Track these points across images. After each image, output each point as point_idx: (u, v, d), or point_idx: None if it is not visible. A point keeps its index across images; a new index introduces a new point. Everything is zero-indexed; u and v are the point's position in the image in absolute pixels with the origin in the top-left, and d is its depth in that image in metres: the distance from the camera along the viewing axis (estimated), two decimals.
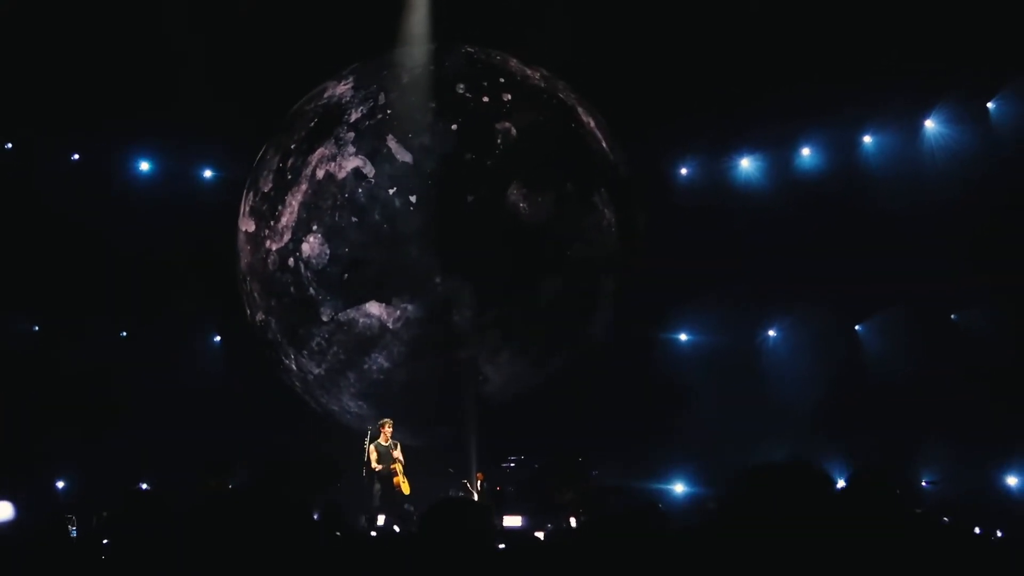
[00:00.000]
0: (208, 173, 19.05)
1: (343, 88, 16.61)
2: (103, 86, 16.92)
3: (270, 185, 16.43)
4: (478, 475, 15.89)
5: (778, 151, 18.35)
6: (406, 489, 14.84)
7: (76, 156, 18.34)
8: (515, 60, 16.84)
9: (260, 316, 16.85)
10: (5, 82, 16.42)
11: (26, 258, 16.92)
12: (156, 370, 17.49)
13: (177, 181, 18.89)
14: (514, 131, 15.51)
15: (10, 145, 17.77)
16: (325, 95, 16.72)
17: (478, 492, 15.52)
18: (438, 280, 15.19)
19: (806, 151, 18.07)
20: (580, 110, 16.81)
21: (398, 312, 15.41)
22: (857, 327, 17.82)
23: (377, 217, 15.30)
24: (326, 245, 15.57)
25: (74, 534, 13.34)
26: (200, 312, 18.42)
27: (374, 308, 15.52)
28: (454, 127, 15.38)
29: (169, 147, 18.72)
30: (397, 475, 14.78)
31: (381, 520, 14.97)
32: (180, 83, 16.38)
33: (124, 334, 18.57)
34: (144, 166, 18.81)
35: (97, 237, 17.08)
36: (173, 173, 18.94)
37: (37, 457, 16.58)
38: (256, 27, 16.86)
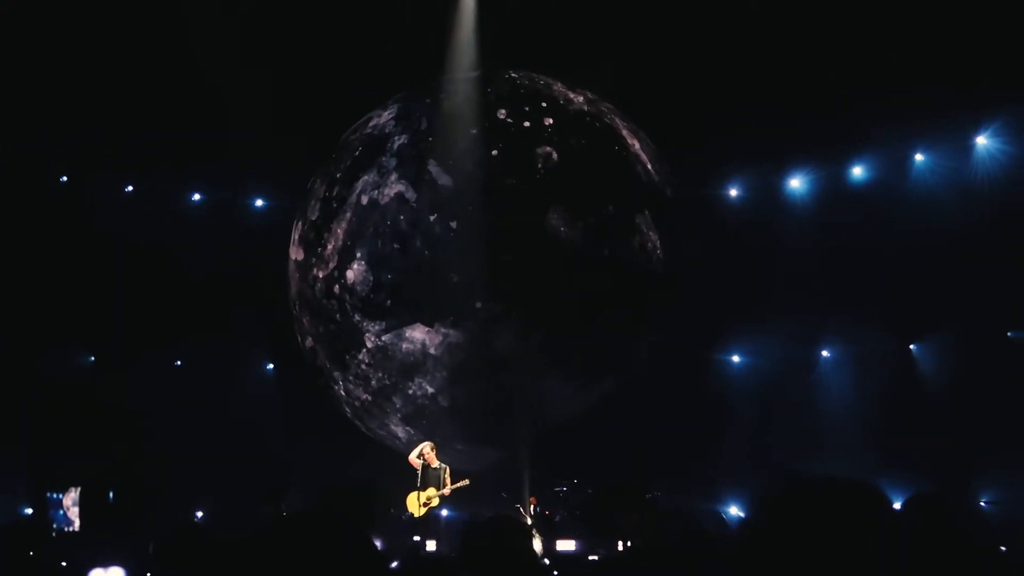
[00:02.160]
0: (260, 202, 19.32)
1: (387, 116, 16.87)
2: (156, 117, 17.29)
3: (317, 214, 16.76)
4: (531, 499, 15.94)
5: (829, 168, 18.15)
6: (416, 511, 14.87)
7: (130, 188, 18.71)
8: (559, 84, 16.99)
9: (309, 343, 17.16)
10: (58, 116, 16.85)
11: (80, 289, 17.30)
12: (210, 398, 17.73)
13: (230, 211, 19.23)
14: (555, 155, 15.64)
15: (65, 178, 18.16)
16: (370, 124, 17.03)
17: (531, 516, 15.56)
18: (479, 305, 15.33)
19: (857, 169, 17.84)
20: (625, 132, 16.87)
21: (440, 337, 15.58)
22: (912, 346, 17.53)
23: (418, 243, 15.51)
24: (369, 272, 15.82)
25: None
26: (254, 340, 18.63)
27: (417, 333, 15.71)
28: (495, 152, 15.57)
29: (222, 178, 19.05)
30: (427, 502, 14.82)
31: (432, 545, 15.13)
32: (232, 114, 16.66)
33: (179, 363, 18.87)
34: (196, 197, 19.11)
35: (151, 267, 17.45)
36: (226, 204, 19.28)
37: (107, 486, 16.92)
38: (308, 58, 17.16)
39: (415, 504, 14.88)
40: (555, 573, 12.78)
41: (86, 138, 17.45)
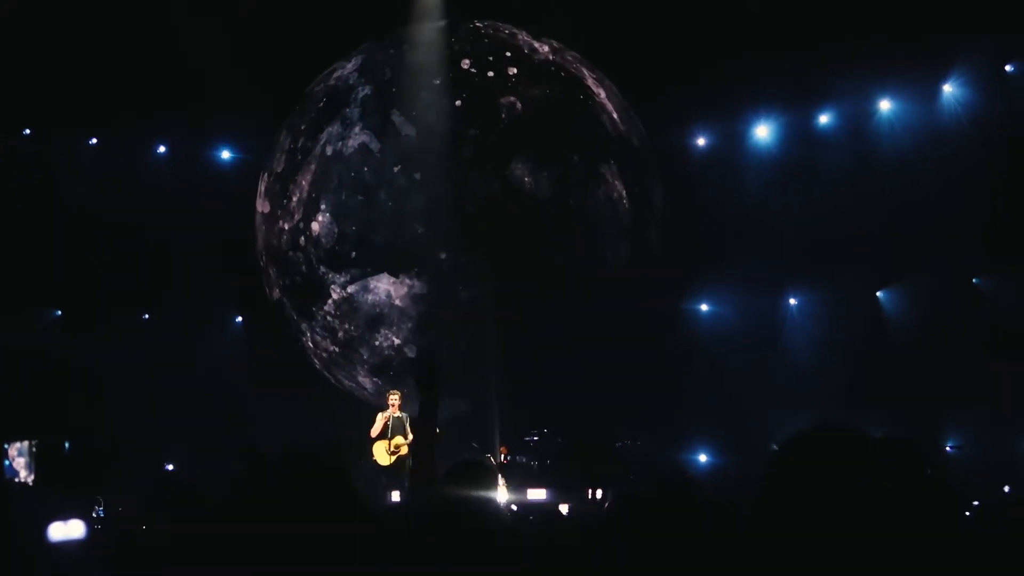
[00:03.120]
0: (226, 155, 19.25)
1: (351, 67, 16.87)
2: (119, 72, 17.21)
3: (282, 166, 16.78)
4: (501, 448, 16.05)
5: (795, 117, 18.20)
6: (382, 459, 14.85)
7: (94, 140, 18.64)
8: (524, 34, 16.97)
9: (276, 295, 17.22)
10: (22, 70, 16.75)
11: (46, 245, 17.27)
12: (179, 352, 17.75)
13: (196, 164, 19.17)
14: (519, 105, 15.65)
15: (28, 131, 18.08)
16: (334, 75, 17.02)
17: (502, 465, 15.68)
18: (443, 256, 15.39)
19: (823, 117, 17.90)
20: (590, 81, 16.89)
21: (405, 288, 15.66)
22: (878, 293, 17.66)
23: (383, 195, 15.56)
24: (334, 223, 15.88)
25: (101, 514, 13.81)
26: (222, 294, 18.63)
27: (382, 285, 15.78)
28: (458, 103, 15.57)
29: (187, 130, 18.92)
30: (395, 449, 14.80)
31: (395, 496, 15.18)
32: (197, 67, 16.58)
33: (146, 316, 18.88)
34: (162, 150, 19.04)
35: (117, 221, 17.41)
36: (192, 156, 19.20)
37: (62, 439, 16.91)
38: (273, 9, 17.06)
39: (383, 453, 14.89)
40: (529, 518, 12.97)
41: (50, 92, 17.31)
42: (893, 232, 16.38)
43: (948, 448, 16.10)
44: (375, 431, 14.69)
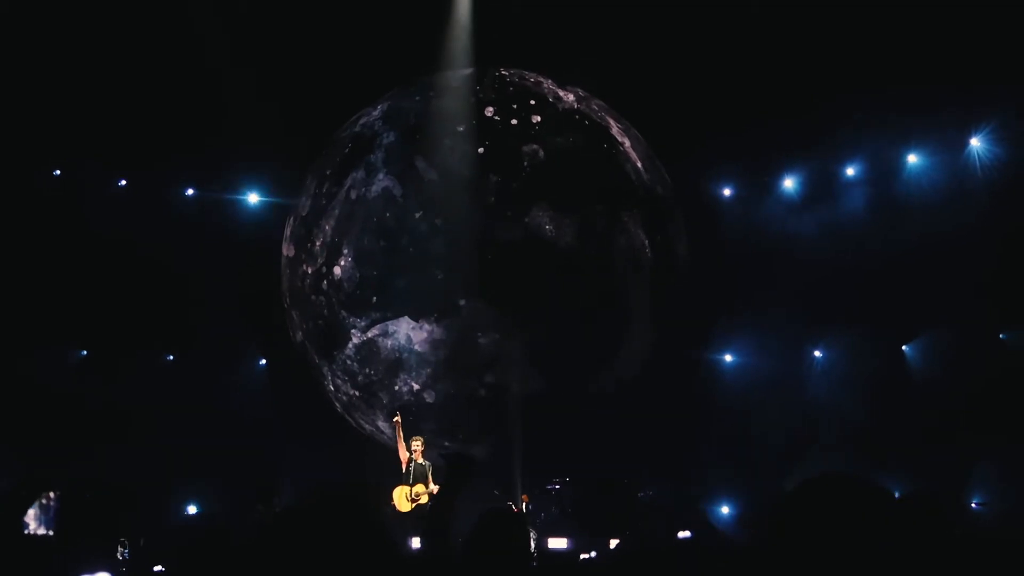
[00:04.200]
0: (254, 198, 19.45)
1: (377, 114, 17.12)
2: (150, 113, 17.46)
3: (307, 210, 17.00)
4: (523, 497, 16.02)
5: (822, 169, 18.25)
6: (402, 506, 14.88)
7: (123, 182, 18.89)
8: (549, 82, 17.14)
9: (300, 337, 17.36)
10: (52, 109, 17.05)
11: (73, 284, 17.47)
12: (202, 394, 17.87)
13: (223, 206, 19.38)
14: (542, 153, 15.79)
15: (58, 172, 18.36)
16: (360, 121, 17.25)
17: (523, 514, 15.64)
18: (463, 303, 15.51)
19: (850, 169, 17.94)
20: (615, 131, 17.02)
21: (424, 334, 15.78)
22: (904, 347, 17.60)
23: (404, 240, 15.71)
24: (355, 268, 16.04)
25: (126, 556, 13.93)
26: (247, 336, 18.79)
27: (401, 330, 15.90)
28: (481, 150, 15.73)
29: (215, 172, 19.16)
30: (416, 497, 14.81)
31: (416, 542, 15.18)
32: (226, 110, 16.85)
33: (170, 357, 19.05)
34: (190, 192, 19.28)
35: (144, 262, 17.59)
36: (219, 198, 19.40)
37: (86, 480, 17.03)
38: (303, 55, 17.32)
39: (403, 499, 14.92)
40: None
41: (80, 133, 17.59)
42: (920, 284, 16.31)
43: (973, 505, 15.92)
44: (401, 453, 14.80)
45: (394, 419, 14.93)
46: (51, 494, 14.92)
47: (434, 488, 14.64)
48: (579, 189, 16.01)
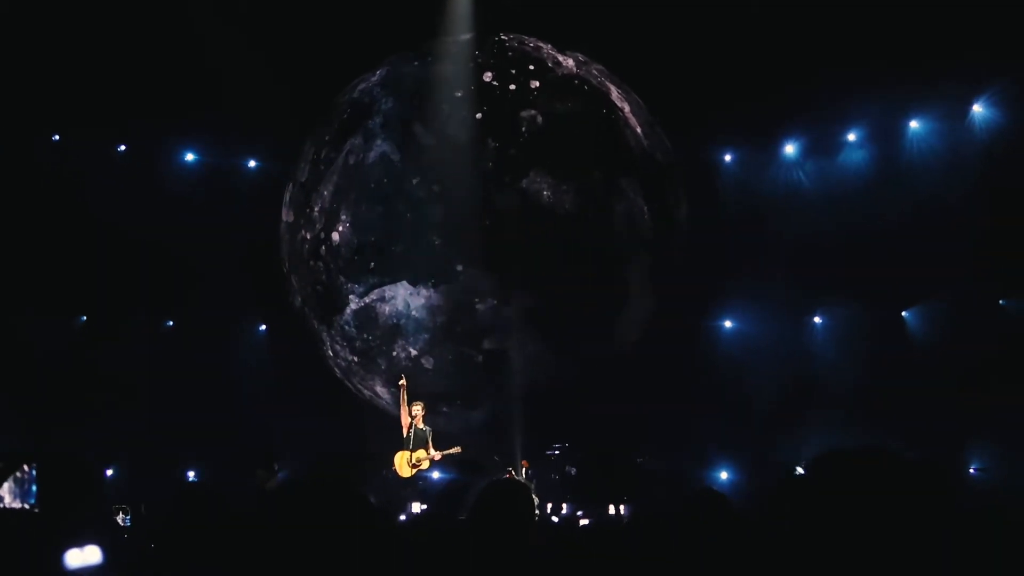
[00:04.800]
0: (253, 163, 19.50)
1: (375, 80, 17.12)
2: (147, 79, 17.46)
3: (306, 176, 17.05)
4: (523, 463, 16.10)
5: (822, 133, 18.24)
6: (403, 471, 14.96)
7: (122, 147, 18.92)
8: (549, 46, 17.08)
9: (299, 304, 17.43)
10: (51, 75, 17.06)
11: (72, 250, 17.54)
12: (202, 359, 17.94)
13: (223, 172, 19.44)
14: (540, 118, 15.79)
15: (57, 137, 18.40)
16: (359, 87, 17.25)
17: (524, 480, 15.72)
18: (460, 268, 15.56)
19: (851, 135, 17.92)
20: (615, 96, 16.98)
21: (422, 300, 15.83)
22: (904, 313, 17.62)
23: (401, 206, 15.75)
24: (353, 234, 16.11)
25: (128, 524, 14.00)
26: (246, 302, 18.83)
27: (399, 295, 15.96)
28: (479, 116, 15.74)
29: (214, 138, 19.19)
30: (417, 463, 14.87)
31: (417, 507, 15.26)
32: (225, 75, 16.83)
33: (170, 323, 19.13)
34: (189, 157, 19.32)
35: (142, 227, 17.62)
36: (218, 164, 19.46)
37: (84, 445, 17.13)
38: (303, 21, 17.31)
39: (404, 464, 14.98)
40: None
41: (76, 98, 17.60)
42: (920, 251, 16.33)
43: (972, 470, 15.99)
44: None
45: (399, 383, 15.00)
46: (26, 466, 14.91)
47: (436, 454, 14.74)
48: (577, 155, 15.99)
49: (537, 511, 15.02)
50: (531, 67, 16.47)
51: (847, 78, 16.58)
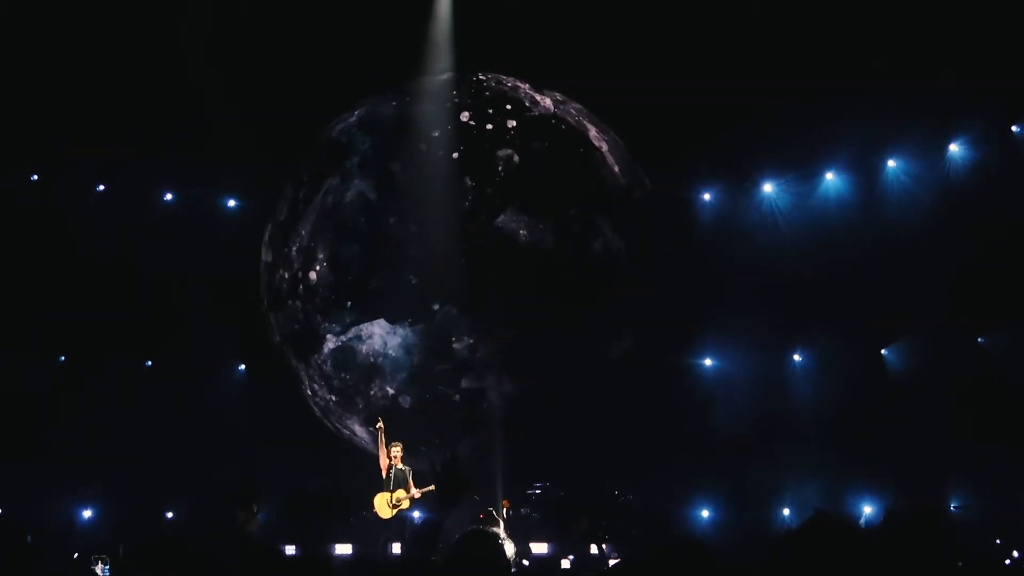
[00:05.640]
0: (232, 203, 19.61)
1: (354, 119, 17.25)
2: (128, 118, 17.61)
3: (284, 215, 17.13)
4: (504, 502, 16.06)
5: (802, 174, 18.38)
6: (383, 512, 14.94)
7: (101, 187, 19.01)
8: (526, 86, 17.24)
9: (278, 343, 17.48)
10: (28, 113, 17.20)
11: (51, 289, 17.60)
12: (181, 399, 17.97)
13: (202, 212, 19.53)
14: (516, 158, 15.90)
15: (36, 176, 18.50)
16: (337, 128, 17.35)
17: (504, 520, 15.67)
18: (436, 307, 15.63)
19: (829, 175, 18.07)
20: (592, 135, 17.10)
21: (398, 339, 15.89)
22: (883, 351, 17.72)
23: (378, 245, 15.85)
24: (330, 273, 16.19)
25: (107, 572, 13.94)
26: (225, 341, 18.86)
27: (376, 335, 16.03)
28: (455, 155, 15.84)
29: (193, 177, 19.29)
30: (397, 503, 14.85)
31: (397, 548, 15.22)
32: (204, 115, 16.97)
33: (149, 363, 19.14)
34: (168, 197, 19.43)
35: (122, 267, 17.72)
36: (197, 204, 19.55)
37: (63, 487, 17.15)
38: (282, 61, 17.47)
39: (384, 505, 14.97)
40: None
41: (57, 137, 17.74)
42: (897, 287, 16.47)
43: (952, 508, 16.05)
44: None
45: (376, 424, 15.03)
46: None
47: (415, 492, 14.72)
48: (554, 193, 16.08)
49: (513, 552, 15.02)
50: (508, 106, 16.59)
51: (825, 115, 16.74)
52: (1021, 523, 15.63)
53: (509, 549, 14.65)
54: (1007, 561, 14.03)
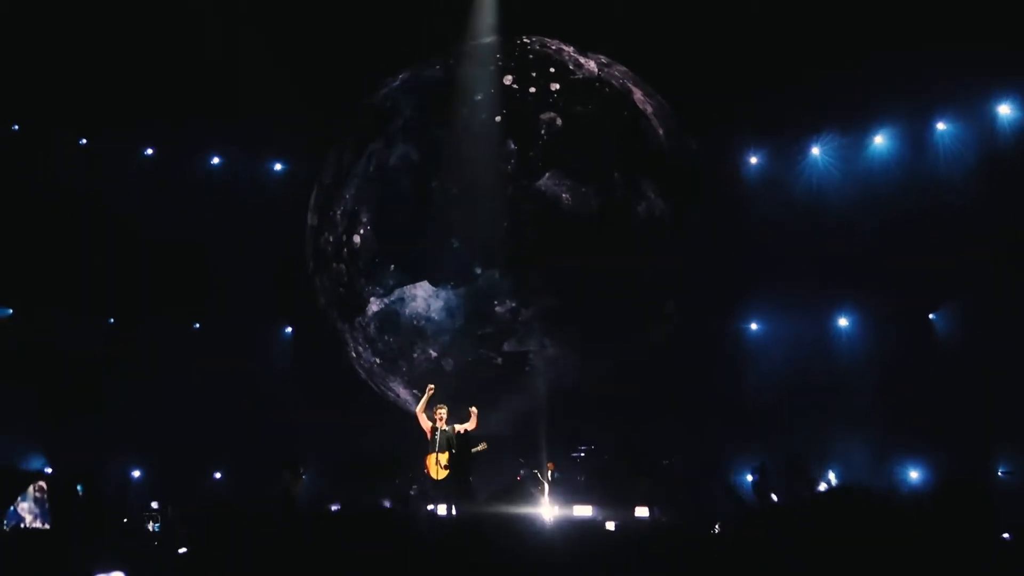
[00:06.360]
0: (279, 167, 19.76)
1: (397, 84, 17.32)
2: (178, 84, 17.78)
3: (330, 179, 17.26)
4: (549, 465, 16.16)
5: (848, 137, 18.22)
6: (435, 474, 14.98)
7: (149, 151, 19.24)
8: (571, 48, 17.20)
9: (324, 307, 17.65)
10: (79, 79, 17.42)
11: (99, 253, 17.87)
12: (229, 361, 18.20)
13: (251, 176, 19.70)
14: (559, 121, 15.90)
15: (84, 140, 18.72)
16: (381, 92, 17.45)
17: (549, 482, 15.79)
18: (479, 271, 15.70)
19: (878, 138, 17.89)
20: (638, 97, 17.05)
21: (441, 302, 15.98)
22: (932, 315, 17.56)
23: (421, 209, 15.91)
24: (374, 236, 16.29)
25: (157, 529, 14.26)
26: (273, 304, 19.06)
27: (419, 298, 16.12)
28: (498, 119, 15.87)
29: (242, 142, 19.44)
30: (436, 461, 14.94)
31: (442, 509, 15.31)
32: (253, 80, 17.11)
33: (197, 326, 19.37)
34: (216, 161, 19.60)
35: (169, 231, 17.94)
36: (246, 168, 19.72)
37: (113, 446, 17.44)
38: (329, 28, 17.58)
39: (435, 467, 15.00)
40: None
41: (104, 101, 17.93)
42: (946, 252, 16.31)
43: (1000, 473, 15.91)
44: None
45: (428, 388, 15.03)
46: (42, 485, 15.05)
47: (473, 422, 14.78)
48: (597, 157, 16.06)
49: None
50: (552, 69, 16.59)
51: (874, 78, 16.60)
52: None
53: (548, 511, 14.85)
54: None
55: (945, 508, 3.69)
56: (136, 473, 18.54)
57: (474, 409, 14.43)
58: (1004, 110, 16.65)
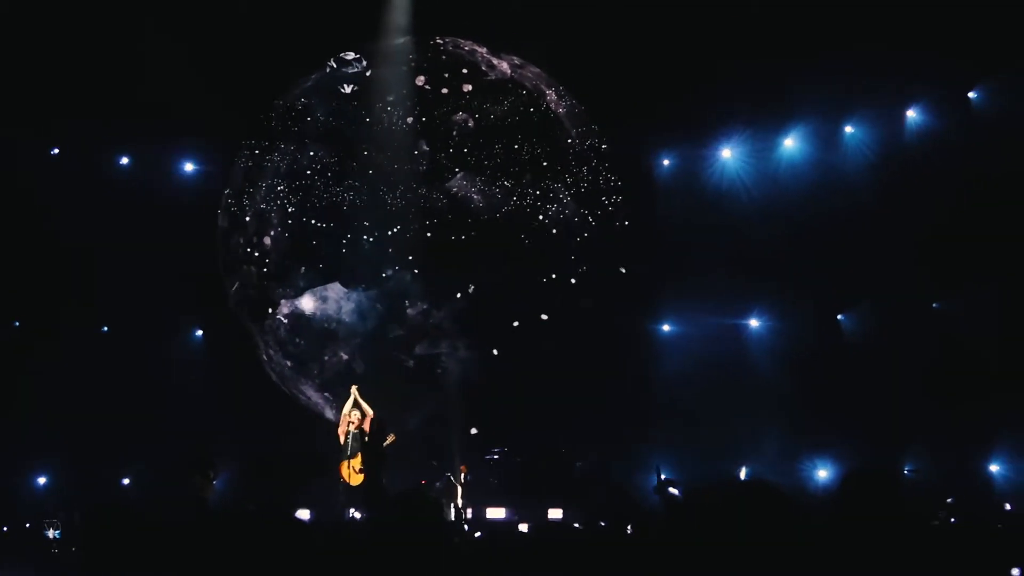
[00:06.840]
0: (189, 167, 19.43)
1: (310, 84, 17.21)
2: (83, 82, 17.44)
3: (240, 181, 17.07)
4: (461, 467, 16.14)
5: (760, 136, 18.38)
6: (351, 479, 14.91)
7: (55, 150, 18.85)
8: (484, 49, 17.20)
9: (234, 309, 17.48)
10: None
11: (4, 254, 17.47)
12: (137, 364, 17.91)
13: (159, 176, 19.30)
14: (470, 122, 15.90)
15: None
16: (295, 91, 17.30)
17: (462, 485, 15.76)
18: (388, 273, 15.66)
19: (788, 140, 18.08)
20: (550, 98, 17.08)
21: (352, 304, 15.92)
22: (840, 316, 17.82)
23: (332, 210, 15.85)
24: (284, 238, 16.17)
25: (58, 536, 13.93)
26: (183, 306, 18.77)
27: (329, 300, 16.05)
28: (410, 119, 15.84)
29: (150, 142, 19.07)
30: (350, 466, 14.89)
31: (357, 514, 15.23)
32: (162, 79, 16.84)
33: (105, 329, 19.02)
34: (124, 161, 19.23)
35: (77, 231, 17.57)
36: (155, 168, 19.32)
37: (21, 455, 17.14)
38: (241, 26, 17.35)
39: (350, 472, 14.93)
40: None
41: (11, 99, 17.55)
42: (855, 253, 16.57)
43: (905, 471, 16.18)
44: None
45: (352, 388, 14.93)
46: None
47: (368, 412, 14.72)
48: (509, 158, 16.10)
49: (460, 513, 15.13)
50: (464, 71, 16.58)
51: (788, 78, 16.76)
52: (972, 484, 15.86)
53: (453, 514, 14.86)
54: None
55: (850, 503, 3.72)
56: (41, 480, 18.18)
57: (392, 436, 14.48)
58: (912, 114, 16.96)
